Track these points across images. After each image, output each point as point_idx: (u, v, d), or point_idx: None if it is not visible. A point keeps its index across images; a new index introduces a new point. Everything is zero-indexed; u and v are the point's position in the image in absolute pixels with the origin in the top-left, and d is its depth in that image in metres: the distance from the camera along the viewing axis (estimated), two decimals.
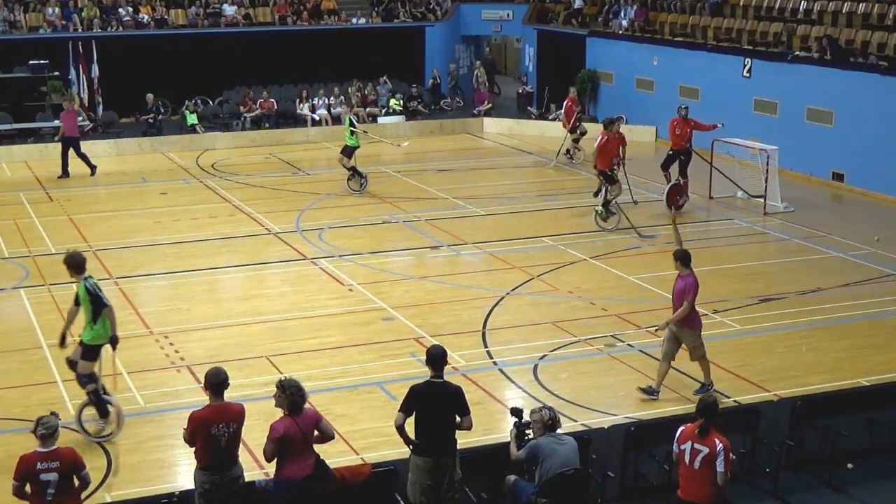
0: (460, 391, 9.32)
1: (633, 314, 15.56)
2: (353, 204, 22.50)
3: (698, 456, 8.76)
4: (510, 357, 14.09)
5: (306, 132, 29.90)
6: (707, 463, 8.73)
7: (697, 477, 8.79)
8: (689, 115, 22.09)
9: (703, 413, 8.83)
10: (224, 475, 8.79)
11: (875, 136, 23.09)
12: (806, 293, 16.61)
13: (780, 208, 21.65)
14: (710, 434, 8.77)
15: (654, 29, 31.30)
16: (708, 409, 8.84)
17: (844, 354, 14.09)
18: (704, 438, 8.76)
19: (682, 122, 21.91)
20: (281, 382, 8.79)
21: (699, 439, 8.78)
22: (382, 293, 16.52)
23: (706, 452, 8.73)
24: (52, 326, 15.08)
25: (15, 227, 20.54)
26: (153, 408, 12.52)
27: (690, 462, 8.81)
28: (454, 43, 35.75)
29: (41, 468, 8.28)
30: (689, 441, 8.82)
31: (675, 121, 22.05)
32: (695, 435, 8.81)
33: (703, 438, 8.76)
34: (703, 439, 8.76)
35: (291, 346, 14.44)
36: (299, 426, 8.69)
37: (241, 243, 19.56)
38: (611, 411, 12.33)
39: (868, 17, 25.63)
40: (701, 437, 8.77)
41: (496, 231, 20.23)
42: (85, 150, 27.49)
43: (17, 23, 30.33)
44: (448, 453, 9.24)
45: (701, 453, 8.75)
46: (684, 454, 8.85)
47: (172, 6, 32.65)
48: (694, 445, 8.79)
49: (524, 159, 27.53)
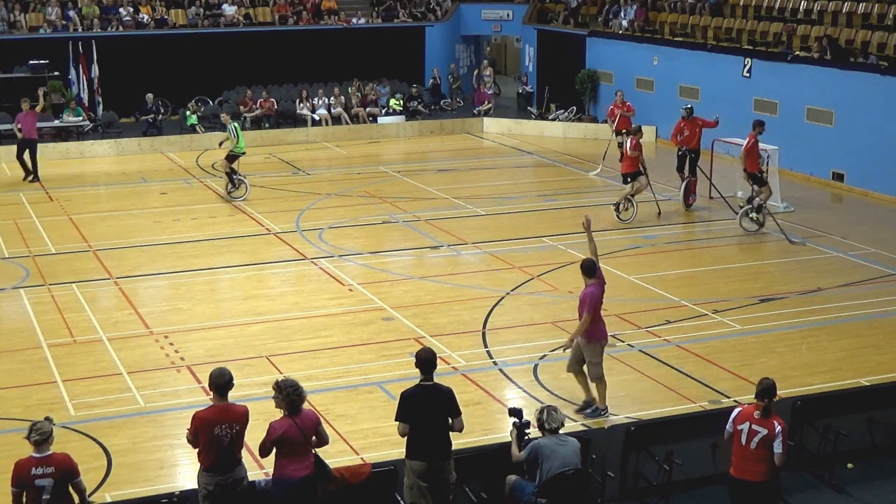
0: (452, 393, 9.31)
1: (633, 314, 15.56)
2: (353, 204, 22.50)
3: (756, 437, 9.01)
4: (510, 357, 14.09)
5: (306, 132, 29.90)
6: (764, 443, 8.97)
7: (753, 457, 9.04)
8: (693, 115, 22.03)
9: (765, 395, 9.06)
10: (228, 476, 8.79)
11: (875, 136, 23.10)
12: (806, 293, 16.61)
13: (780, 208, 21.66)
14: (770, 416, 9.02)
15: (654, 29, 31.29)
16: (769, 390, 9.07)
17: (844, 354, 14.09)
18: (765, 420, 9.01)
19: (689, 122, 21.91)
20: (278, 383, 8.80)
21: (759, 420, 9.02)
22: (382, 293, 16.52)
23: (765, 434, 8.98)
24: (52, 326, 15.11)
25: (15, 227, 20.54)
26: (153, 408, 12.52)
27: (747, 442, 9.04)
28: (454, 43, 35.76)
29: (36, 473, 8.25)
30: (748, 422, 9.06)
31: (682, 122, 22.01)
32: (754, 416, 9.05)
33: (763, 420, 9.01)
34: (764, 420, 9.01)
35: (291, 346, 14.44)
36: (298, 426, 8.69)
37: (241, 243, 19.56)
38: (611, 411, 12.32)
39: (868, 17, 25.62)
40: (762, 419, 9.01)
41: (496, 231, 20.23)
42: (85, 149, 27.59)
43: (17, 23, 30.32)
44: (442, 455, 9.23)
45: (759, 434, 9.00)
46: (741, 434, 9.07)
47: (172, 6, 32.63)
48: (752, 426, 9.03)
49: (524, 159, 27.53)
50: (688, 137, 21.85)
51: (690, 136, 21.83)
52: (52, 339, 14.65)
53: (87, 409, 12.46)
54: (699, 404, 12.52)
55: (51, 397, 12.75)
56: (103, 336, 14.78)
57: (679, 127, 22.04)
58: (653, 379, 13.30)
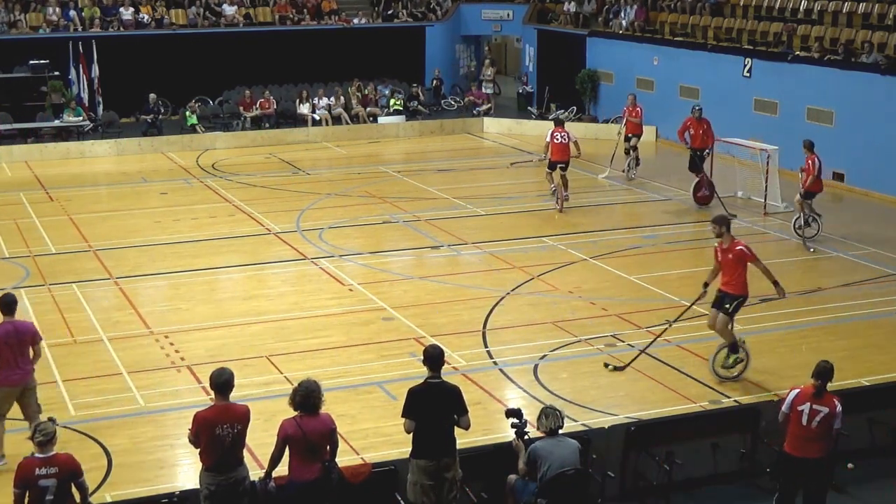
0: (458, 390, 9.32)
1: (633, 314, 15.56)
2: (353, 204, 22.50)
3: (818, 416, 9.38)
4: (510, 357, 14.09)
5: (306, 132, 29.89)
6: (825, 422, 9.37)
7: (814, 436, 9.43)
8: (703, 116, 22.09)
9: (820, 376, 9.43)
10: (229, 476, 8.78)
11: (875, 136, 23.10)
12: (806, 293, 16.61)
13: (780, 208, 21.66)
14: (828, 396, 9.40)
15: (654, 29, 31.29)
16: (823, 373, 9.45)
17: (844, 354, 14.07)
18: (822, 399, 9.38)
19: (696, 122, 21.96)
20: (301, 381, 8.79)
21: (817, 400, 9.39)
22: (382, 293, 16.52)
23: (826, 412, 9.36)
24: (52, 326, 15.11)
25: (15, 227, 20.53)
26: (153, 408, 12.53)
27: (808, 422, 9.40)
28: (454, 43, 35.76)
29: (40, 474, 8.25)
30: (808, 403, 9.41)
31: (689, 120, 22.05)
32: (812, 396, 9.41)
33: (820, 399, 9.38)
34: (821, 400, 9.38)
35: (291, 346, 14.44)
36: (303, 428, 8.63)
37: (241, 243, 19.56)
38: (611, 411, 12.33)
39: (868, 17, 25.62)
40: (818, 399, 9.38)
41: (496, 231, 20.23)
42: (85, 149, 27.60)
43: (18, 23, 30.31)
44: (448, 453, 9.23)
45: (820, 413, 9.37)
46: (801, 415, 9.41)
47: (172, 6, 32.63)
48: (813, 406, 9.39)
49: (524, 159, 27.50)
50: (693, 137, 21.97)
51: (695, 135, 21.93)
52: (52, 339, 14.62)
53: (88, 409, 12.46)
54: (699, 404, 12.52)
55: (51, 397, 12.72)
56: (103, 336, 14.78)
57: (686, 125, 22.11)
58: (653, 379, 13.31)
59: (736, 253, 12.96)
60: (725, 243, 13.10)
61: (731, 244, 13.05)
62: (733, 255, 12.97)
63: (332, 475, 8.85)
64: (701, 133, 21.91)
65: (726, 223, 13.23)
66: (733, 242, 13.09)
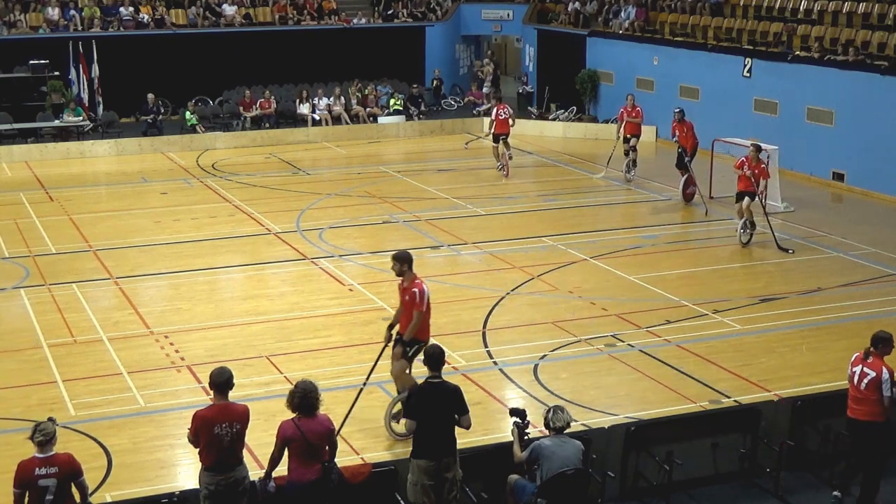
0: (459, 390, 9.32)
1: (633, 314, 15.56)
2: (353, 204, 22.50)
3: (865, 378, 9.87)
4: (510, 357, 14.09)
5: (306, 132, 29.89)
6: (873, 385, 9.81)
7: (863, 397, 9.90)
8: (684, 119, 22.31)
9: (875, 343, 9.92)
10: (229, 476, 8.76)
11: (875, 136, 23.09)
12: (806, 293, 16.61)
13: (780, 208, 21.66)
14: (876, 360, 9.85)
15: (654, 29, 31.28)
16: (878, 340, 9.92)
17: (844, 354, 13.98)
18: (869, 363, 9.86)
19: (678, 124, 22.40)
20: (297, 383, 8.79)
21: (866, 363, 9.88)
22: (382, 293, 16.50)
23: (873, 376, 9.82)
24: (52, 326, 15.11)
25: (15, 227, 20.53)
26: (153, 408, 12.52)
27: (858, 383, 9.93)
28: (454, 43, 35.77)
29: (40, 474, 8.24)
30: (860, 365, 9.95)
31: (673, 123, 22.58)
32: (862, 360, 9.93)
33: (868, 363, 9.87)
34: (869, 363, 9.86)
35: (291, 346, 14.44)
36: (300, 429, 8.62)
37: (241, 243, 19.56)
38: (611, 411, 12.32)
39: (868, 17, 25.62)
40: (866, 361, 9.88)
41: (496, 231, 20.23)
42: (85, 149, 27.61)
43: (18, 23, 30.31)
44: (448, 453, 9.23)
45: (868, 376, 9.85)
46: (854, 376, 9.96)
47: (172, 6, 32.63)
48: (863, 368, 9.91)
49: (524, 159, 27.50)
50: (682, 137, 22.35)
51: (681, 136, 22.37)
52: (53, 338, 14.65)
53: (88, 408, 12.45)
54: (699, 404, 12.51)
55: (51, 397, 12.74)
56: (103, 336, 14.78)
57: (673, 129, 22.64)
58: (653, 379, 13.30)
59: (412, 295, 11.26)
60: (406, 282, 11.37)
61: (410, 283, 11.31)
62: (409, 296, 11.29)
63: (331, 476, 8.85)
64: (684, 134, 22.21)
65: (408, 261, 11.35)
66: (413, 282, 11.31)
